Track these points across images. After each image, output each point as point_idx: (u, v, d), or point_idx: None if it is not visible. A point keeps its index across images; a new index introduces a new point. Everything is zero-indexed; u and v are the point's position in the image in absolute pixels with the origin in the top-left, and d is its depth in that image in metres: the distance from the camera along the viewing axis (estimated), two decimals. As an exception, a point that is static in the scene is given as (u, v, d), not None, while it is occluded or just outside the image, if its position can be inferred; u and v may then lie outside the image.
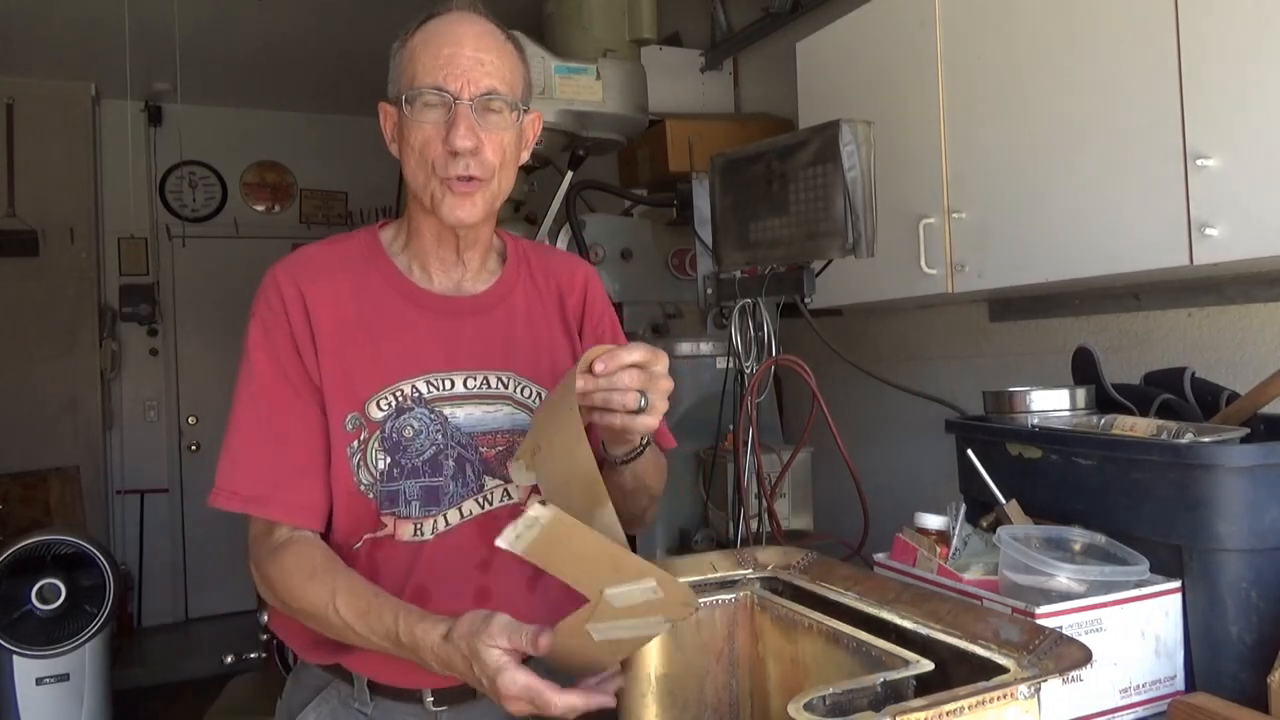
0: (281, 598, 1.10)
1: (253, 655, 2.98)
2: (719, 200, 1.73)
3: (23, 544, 3.23)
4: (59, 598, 3.22)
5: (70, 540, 3.32)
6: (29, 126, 5.03)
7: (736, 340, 1.77)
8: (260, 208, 5.83)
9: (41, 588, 3.20)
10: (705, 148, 2.75)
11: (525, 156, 1.24)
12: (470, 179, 1.13)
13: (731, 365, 1.79)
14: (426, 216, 1.19)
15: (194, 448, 5.58)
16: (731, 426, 1.84)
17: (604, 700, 0.96)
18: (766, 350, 1.73)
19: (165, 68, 4.31)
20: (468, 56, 1.12)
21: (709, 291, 1.86)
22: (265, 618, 2.36)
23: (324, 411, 1.15)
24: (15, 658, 3.21)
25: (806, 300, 1.61)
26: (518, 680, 0.93)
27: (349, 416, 1.15)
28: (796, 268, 1.62)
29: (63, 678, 3.29)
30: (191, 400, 5.59)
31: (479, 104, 1.12)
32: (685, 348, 2.29)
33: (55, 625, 3.24)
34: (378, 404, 1.15)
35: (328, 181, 5.90)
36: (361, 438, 1.14)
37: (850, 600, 1.06)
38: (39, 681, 3.26)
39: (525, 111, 1.19)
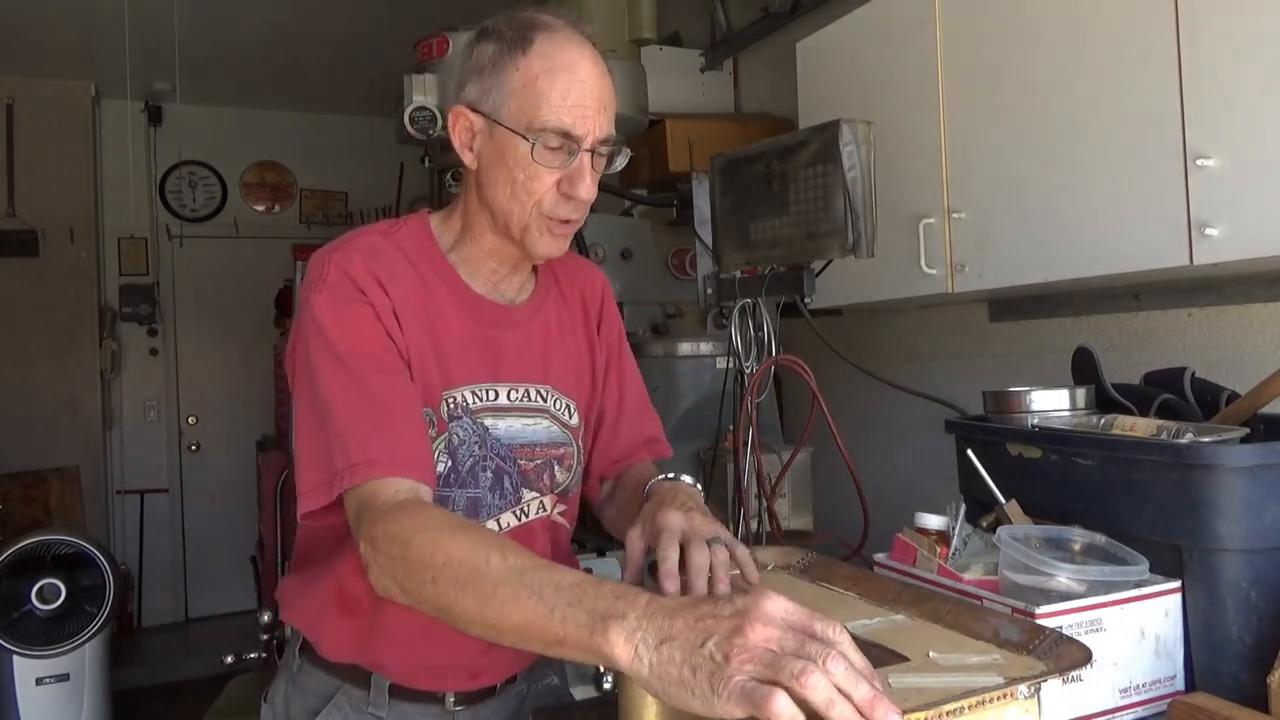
0: (417, 550, 0.89)
1: (253, 655, 2.97)
2: (719, 200, 1.73)
3: (23, 544, 3.24)
4: (59, 598, 3.22)
5: (70, 540, 3.32)
6: (29, 126, 5.04)
7: (736, 340, 1.77)
8: (260, 208, 5.83)
9: (41, 588, 3.20)
10: (705, 148, 2.74)
11: None
12: (570, 221, 1.12)
13: (731, 365, 1.79)
14: (497, 236, 1.15)
15: (194, 448, 5.57)
16: (731, 426, 1.83)
17: None
18: (766, 350, 1.72)
19: (165, 68, 4.32)
20: (595, 101, 1.08)
21: (709, 291, 1.86)
22: (266, 617, 2.35)
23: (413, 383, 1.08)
24: (15, 658, 3.21)
25: (806, 300, 1.61)
26: (780, 603, 0.70)
27: (424, 410, 1.09)
28: (796, 268, 1.62)
29: (63, 678, 3.29)
30: (191, 400, 5.58)
31: (596, 150, 1.10)
32: (685, 348, 2.29)
33: (55, 625, 3.25)
34: (447, 403, 1.12)
35: (328, 181, 5.90)
36: (429, 434, 1.09)
37: (850, 600, 1.06)
38: (39, 681, 3.26)
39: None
